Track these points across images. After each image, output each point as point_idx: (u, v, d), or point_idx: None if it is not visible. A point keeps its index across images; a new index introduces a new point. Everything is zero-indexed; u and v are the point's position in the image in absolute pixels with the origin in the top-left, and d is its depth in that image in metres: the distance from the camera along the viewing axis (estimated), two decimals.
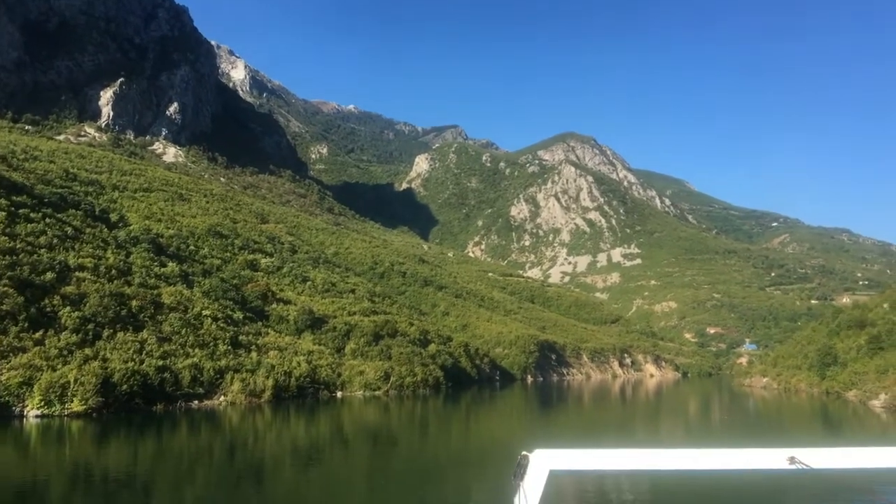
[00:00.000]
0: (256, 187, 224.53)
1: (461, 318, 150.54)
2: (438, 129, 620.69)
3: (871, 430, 56.17)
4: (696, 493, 25.34)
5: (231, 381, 60.50)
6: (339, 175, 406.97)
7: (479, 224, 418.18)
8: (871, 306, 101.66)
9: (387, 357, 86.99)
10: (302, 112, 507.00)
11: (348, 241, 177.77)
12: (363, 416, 62.16)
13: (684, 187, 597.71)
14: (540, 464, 4.93)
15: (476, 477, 32.99)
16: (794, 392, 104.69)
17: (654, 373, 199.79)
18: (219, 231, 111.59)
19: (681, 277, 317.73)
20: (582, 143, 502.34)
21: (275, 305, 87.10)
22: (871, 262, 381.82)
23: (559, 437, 48.04)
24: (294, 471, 33.74)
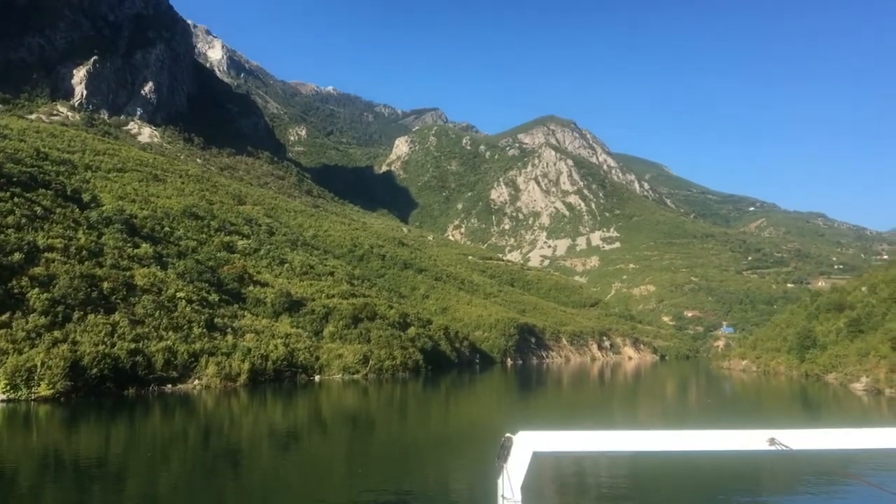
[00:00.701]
0: (234, 169, 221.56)
1: (441, 302, 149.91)
2: (418, 111, 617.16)
3: (852, 412, 56.60)
4: (672, 475, 25.67)
5: (206, 364, 59.28)
6: (318, 157, 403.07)
7: (459, 207, 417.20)
8: (850, 289, 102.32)
9: (366, 340, 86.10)
10: (280, 93, 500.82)
11: (327, 224, 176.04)
12: (342, 400, 61.50)
13: (663, 171, 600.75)
14: (523, 445, 4.89)
15: (456, 460, 32.84)
16: (773, 375, 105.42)
17: (632, 355, 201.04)
18: (194, 212, 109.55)
19: (659, 261, 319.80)
20: (562, 126, 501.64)
21: (252, 288, 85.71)
22: (846, 247, 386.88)
23: (539, 419, 47.75)
24: (272, 455, 32.95)
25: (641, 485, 25.86)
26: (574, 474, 26.35)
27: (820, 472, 24.26)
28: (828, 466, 19.68)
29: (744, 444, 5.07)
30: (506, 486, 4.84)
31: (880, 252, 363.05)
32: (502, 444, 4.98)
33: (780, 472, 26.64)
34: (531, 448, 4.96)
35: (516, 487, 4.84)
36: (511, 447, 4.96)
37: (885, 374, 66.62)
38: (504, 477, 4.88)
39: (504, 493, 4.85)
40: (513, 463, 4.90)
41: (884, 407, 59.07)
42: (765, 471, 27.13)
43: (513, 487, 4.83)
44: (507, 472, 4.88)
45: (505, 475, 4.88)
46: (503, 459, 4.94)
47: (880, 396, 66.07)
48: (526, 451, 4.94)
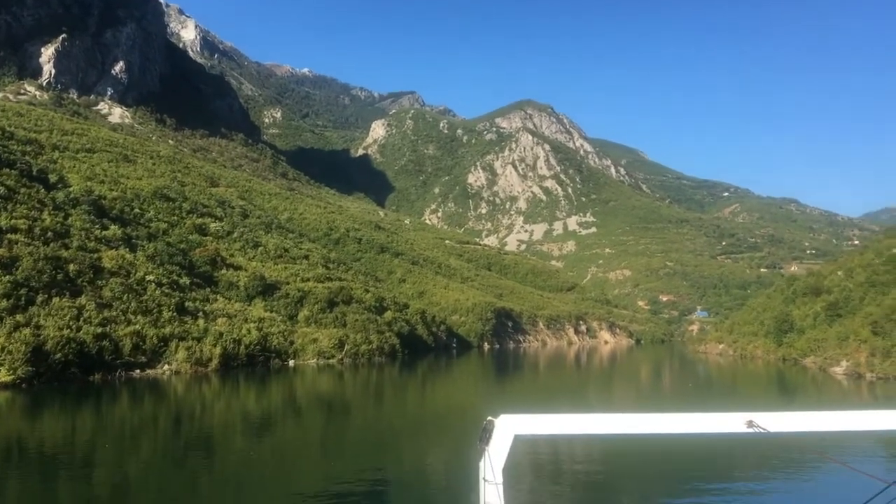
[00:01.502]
0: (207, 150, 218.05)
1: (418, 286, 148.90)
2: (395, 94, 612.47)
3: (832, 395, 56.90)
4: (647, 458, 26.15)
5: (176, 349, 57.70)
6: (294, 140, 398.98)
7: (436, 191, 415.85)
8: (826, 274, 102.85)
9: (341, 324, 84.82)
10: (255, 75, 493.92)
11: (302, 207, 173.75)
12: (316, 385, 60.63)
13: (638, 157, 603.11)
14: (505, 429, 4.96)
15: (433, 444, 32.84)
16: (750, 359, 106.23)
17: (608, 339, 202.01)
18: (166, 194, 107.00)
19: (635, 246, 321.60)
20: (539, 111, 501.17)
21: (224, 271, 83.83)
22: (818, 232, 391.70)
23: (516, 404, 47.14)
24: (245, 441, 32.24)
25: (616, 467, 26.30)
26: (550, 458, 26.48)
27: (794, 454, 24.81)
28: (802, 448, 20.45)
29: (722, 426, 5.17)
30: (487, 468, 4.89)
31: (851, 237, 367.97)
32: (484, 427, 5.02)
33: (755, 453, 27.12)
34: (513, 431, 5.01)
35: (498, 470, 4.89)
36: (493, 430, 5.01)
37: (866, 358, 66.94)
38: (486, 459, 4.93)
39: (486, 476, 4.90)
40: (494, 446, 4.95)
41: (864, 391, 59.40)
42: (739, 453, 27.58)
43: (494, 470, 4.88)
44: (488, 454, 4.93)
45: (487, 458, 4.93)
46: (485, 442, 4.99)
47: (860, 380, 66.47)
48: (507, 435, 4.99)
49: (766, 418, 5.14)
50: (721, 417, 5.22)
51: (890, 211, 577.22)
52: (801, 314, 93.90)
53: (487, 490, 4.95)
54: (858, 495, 5.86)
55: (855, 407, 5.81)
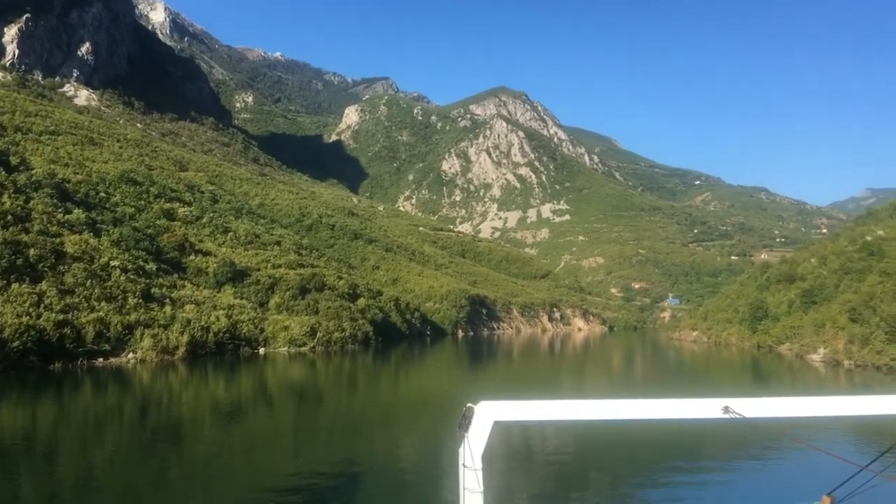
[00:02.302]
0: (176, 135, 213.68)
1: (392, 272, 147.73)
2: (369, 80, 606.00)
3: (809, 382, 57.14)
4: (621, 444, 26.23)
5: (141, 336, 55.96)
6: (266, 125, 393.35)
7: (410, 178, 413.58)
8: (800, 261, 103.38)
9: (314, 311, 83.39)
10: (226, 58, 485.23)
11: (274, 193, 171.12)
12: (288, 373, 59.61)
13: (612, 145, 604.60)
14: (485, 415, 4.99)
15: (406, 432, 32.60)
16: (724, 346, 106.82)
17: (581, 326, 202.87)
18: (132, 178, 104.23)
19: (608, 233, 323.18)
20: (514, 98, 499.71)
21: (193, 257, 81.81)
22: (788, 220, 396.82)
23: (490, 391, 46.43)
24: (215, 430, 31.71)
25: (590, 452, 26.61)
26: (522, 443, 26.51)
27: (769, 439, 24.77)
28: (777, 433, 20.51)
29: (699, 412, 5.20)
30: (467, 454, 4.88)
31: (820, 226, 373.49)
32: (464, 413, 5.00)
33: (730, 439, 27.19)
34: (492, 417, 5.00)
35: (477, 456, 4.90)
36: (472, 417, 4.99)
37: (844, 346, 67.05)
38: (465, 446, 4.92)
39: (465, 462, 4.90)
40: (474, 432, 4.94)
41: (841, 378, 59.59)
42: (714, 438, 27.75)
43: (474, 456, 4.88)
44: (468, 441, 4.92)
45: (466, 444, 4.92)
46: (464, 429, 4.97)
47: (839, 368, 66.65)
48: (487, 421, 4.98)
49: (742, 404, 5.20)
50: (697, 403, 5.27)
51: (856, 200, 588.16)
52: (776, 301, 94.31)
53: (467, 476, 4.89)
54: (833, 479, 5.98)
55: (831, 393, 5.83)
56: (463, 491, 4.95)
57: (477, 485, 4.88)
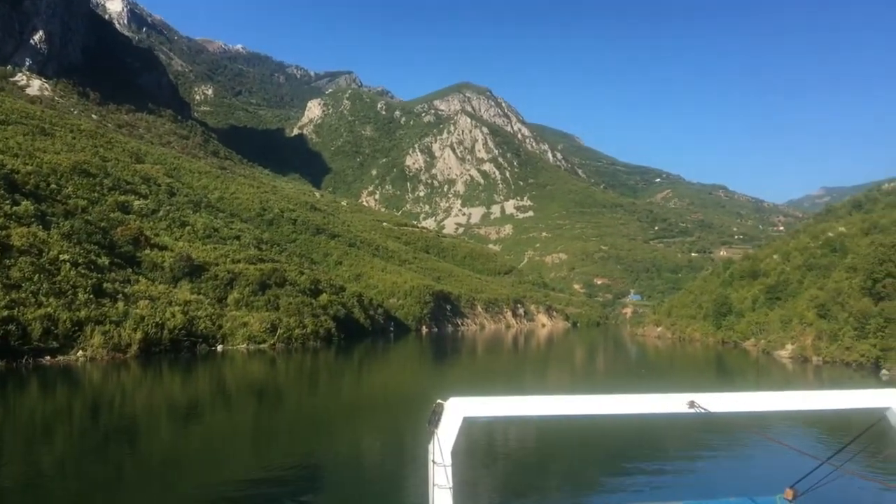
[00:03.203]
0: (133, 126, 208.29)
1: (355, 268, 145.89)
2: (332, 74, 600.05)
3: (776, 378, 57.37)
4: (585, 437, 26.47)
5: (91, 334, 53.50)
6: (226, 118, 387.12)
7: (374, 173, 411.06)
8: (762, 257, 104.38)
9: (274, 308, 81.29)
10: (185, 50, 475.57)
11: (234, 186, 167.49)
12: (247, 371, 57.77)
13: (574, 142, 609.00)
14: (454, 411, 5.04)
15: (369, 429, 32.18)
16: (688, 342, 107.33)
17: (545, 322, 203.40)
18: (86, 169, 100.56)
19: (571, 230, 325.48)
20: (477, 94, 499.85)
21: (148, 251, 78.96)
22: (746, 218, 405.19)
23: (454, 388, 45.57)
24: (171, 429, 30.80)
25: (553, 447, 26.74)
26: (485, 439, 26.44)
27: (733, 434, 25.46)
28: (741, 427, 20.72)
29: (665, 407, 5.34)
30: (436, 450, 4.89)
31: (777, 223, 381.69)
32: (433, 409, 5.03)
33: (694, 433, 27.81)
34: (462, 413, 5.01)
35: (447, 452, 4.88)
36: (442, 413, 5.00)
37: (812, 342, 67.18)
38: (435, 442, 4.91)
39: (435, 458, 4.89)
40: (444, 428, 4.94)
41: (809, 374, 59.70)
42: (678, 433, 28.31)
43: (443, 452, 4.88)
44: (437, 437, 4.93)
45: (436, 440, 4.90)
46: (434, 425, 4.98)
47: (807, 364, 66.73)
48: (457, 417, 4.99)
49: (707, 399, 5.32)
50: (664, 398, 5.37)
51: (812, 198, 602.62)
52: (739, 297, 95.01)
53: (436, 472, 4.87)
54: (795, 473, 6.13)
55: (793, 388, 6.11)
56: (432, 487, 4.91)
57: (446, 481, 4.87)
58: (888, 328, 55.00)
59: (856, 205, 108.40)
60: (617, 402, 5.32)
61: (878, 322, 56.18)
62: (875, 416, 5.71)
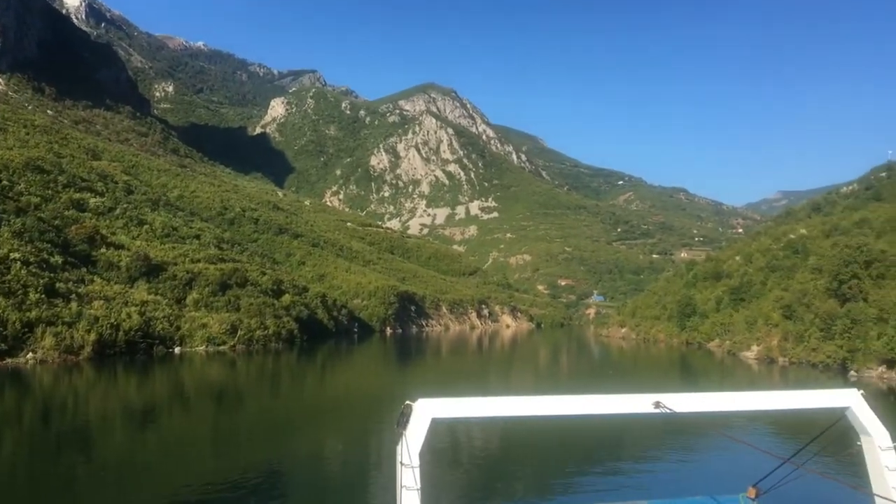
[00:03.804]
0: (90, 123, 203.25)
1: (318, 268, 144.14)
2: (296, 72, 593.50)
3: (742, 379, 57.75)
4: (550, 438, 26.40)
5: (42, 335, 51.60)
6: (187, 116, 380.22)
7: (338, 173, 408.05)
8: (724, 259, 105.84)
9: (235, 308, 79.55)
10: (145, 46, 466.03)
11: (194, 185, 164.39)
12: (206, 374, 56.61)
13: (538, 144, 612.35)
14: (423, 412, 5.03)
15: (332, 432, 32.02)
16: (653, 342, 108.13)
17: (510, 323, 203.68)
18: (39, 166, 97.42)
19: (535, 231, 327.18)
20: (443, 94, 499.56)
21: (104, 250, 76.64)
22: (706, 220, 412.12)
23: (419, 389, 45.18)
24: (127, 433, 30.10)
25: (518, 447, 26.76)
26: (449, 439, 26.41)
27: (697, 433, 25.74)
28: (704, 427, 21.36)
29: (631, 407, 5.43)
30: (405, 451, 4.87)
31: (735, 226, 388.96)
32: (402, 411, 5.02)
33: (657, 433, 28.25)
34: (430, 414, 5.00)
35: (415, 453, 4.87)
36: (411, 414, 4.98)
37: (778, 343, 67.73)
38: (403, 443, 4.89)
39: (403, 460, 4.87)
40: (412, 429, 4.92)
41: (776, 375, 60.10)
42: (643, 433, 28.69)
43: (411, 453, 4.86)
44: (405, 438, 4.90)
45: (404, 442, 4.88)
46: (403, 426, 4.94)
47: (773, 365, 67.06)
48: (425, 418, 4.98)
49: (672, 399, 5.37)
50: (629, 399, 5.45)
51: (769, 202, 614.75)
52: (703, 298, 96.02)
53: (404, 473, 4.84)
54: (758, 471, 6.23)
55: (760, 389, 5.20)
56: (401, 488, 4.86)
57: (414, 482, 4.83)
58: (854, 329, 55.51)
59: (815, 207, 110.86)
60: (584, 403, 5.36)
61: (845, 323, 56.68)
62: (836, 416, 5.86)
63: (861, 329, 54.47)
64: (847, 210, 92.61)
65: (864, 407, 5.70)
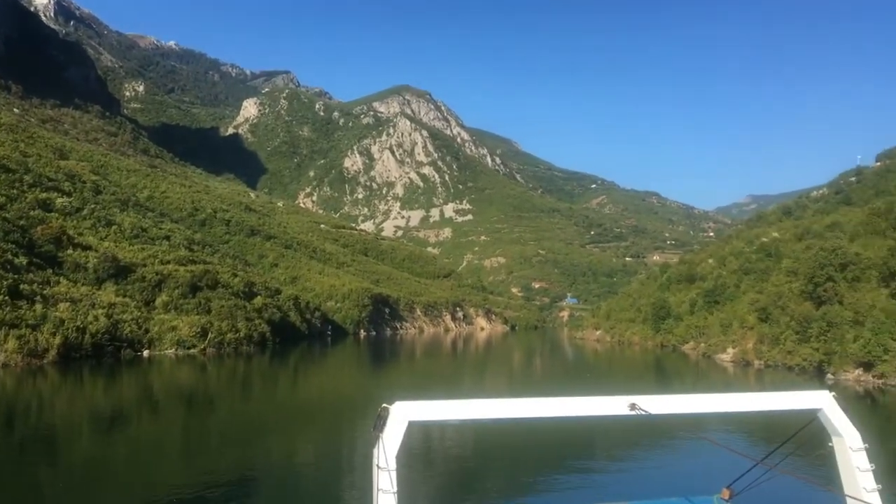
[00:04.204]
0: (58, 122, 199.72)
1: (291, 270, 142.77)
2: (269, 73, 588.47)
3: (717, 381, 57.85)
4: (519, 439, 26.05)
5: (5, 338, 50.13)
6: (158, 116, 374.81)
7: (312, 175, 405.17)
8: (698, 262, 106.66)
9: (205, 311, 78.20)
10: (116, 45, 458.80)
11: (165, 185, 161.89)
12: (175, 377, 55.74)
13: (512, 147, 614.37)
14: (399, 415, 5.02)
15: (304, 437, 31.80)
16: (627, 345, 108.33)
17: (484, 326, 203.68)
18: (4, 164, 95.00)
19: (509, 234, 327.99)
20: (417, 97, 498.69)
21: (70, 251, 74.90)
22: (677, 224, 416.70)
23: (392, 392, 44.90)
24: (94, 438, 29.58)
25: (492, 449, 26.81)
26: (425, 443, 26.38)
27: (669, 434, 25.81)
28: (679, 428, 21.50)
29: (606, 409, 5.44)
30: (381, 455, 4.86)
31: (707, 229, 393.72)
32: (378, 414, 4.99)
33: (632, 435, 28.11)
34: (407, 418, 4.99)
35: (391, 457, 4.85)
36: (387, 417, 4.95)
37: (754, 345, 67.86)
38: (380, 446, 4.87)
39: (379, 463, 4.86)
40: (389, 433, 4.91)
41: (751, 378, 60.21)
42: (618, 434, 28.59)
43: (388, 457, 4.85)
44: (382, 441, 4.88)
45: (381, 445, 4.87)
46: (379, 429, 4.91)
47: (749, 368, 67.09)
48: (402, 421, 4.97)
49: (647, 401, 5.41)
50: (605, 401, 5.46)
51: (739, 206, 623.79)
52: (677, 301, 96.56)
53: (381, 477, 4.83)
54: (732, 473, 6.31)
55: (733, 391, 5.92)
56: (377, 492, 4.84)
57: (391, 486, 4.80)
58: (830, 332, 55.65)
59: (785, 211, 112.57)
60: (560, 405, 5.36)
61: (821, 326, 56.78)
62: (808, 418, 5.94)
63: (837, 332, 54.49)
64: (818, 214, 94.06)
65: (836, 409, 5.80)
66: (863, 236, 65.21)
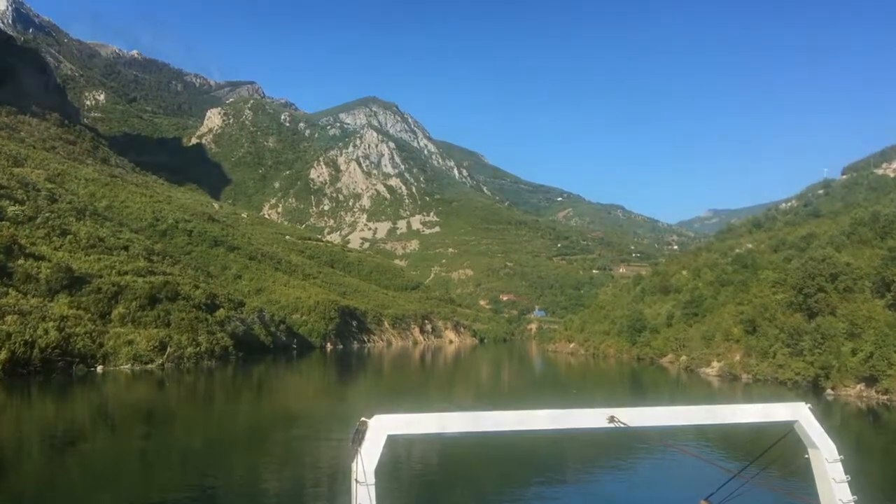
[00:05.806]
0: (14, 129, 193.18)
1: (255, 282, 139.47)
2: (234, 84, 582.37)
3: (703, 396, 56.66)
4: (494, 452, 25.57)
5: None
6: (119, 125, 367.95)
7: (277, 186, 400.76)
8: (671, 273, 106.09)
9: (164, 324, 75.01)
10: (76, 54, 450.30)
11: (125, 195, 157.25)
12: (132, 394, 53.16)
13: (479, 160, 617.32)
14: (378, 429, 5.01)
15: (267, 454, 30.73)
16: (602, 357, 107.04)
17: (453, 339, 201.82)
18: None
19: (477, 246, 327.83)
20: (384, 108, 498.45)
21: (21, 261, 71.26)
22: (642, 237, 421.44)
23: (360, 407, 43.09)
24: (45, 458, 28.15)
25: (472, 463, 26.38)
26: (402, 455, 26.06)
27: (648, 447, 25.53)
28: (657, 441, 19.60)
29: (585, 422, 5.48)
30: (359, 469, 4.86)
31: (671, 242, 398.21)
32: (357, 428, 4.97)
33: (611, 447, 27.84)
34: (386, 431, 5.00)
35: (370, 471, 4.86)
36: (366, 431, 4.91)
37: (741, 359, 66.08)
38: (358, 461, 4.88)
39: (357, 477, 4.86)
40: (367, 447, 4.92)
41: (738, 393, 58.46)
42: (597, 447, 28.49)
43: (366, 471, 4.85)
44: (361, 455, 4.84)
45: (359, 459, 4.87)
46: (357, 443, 4.92)
47: (736, 382, 64.92)
48: (380, 435, 4.98)
49: (626, 414, 5.45)
50: (584, 413, 5.49)
51: (701, 220, 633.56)
52: (653, 313, 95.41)
53: (359, 492, 4.83)
54: (709, 485, 6.38)
55: (711, 403, 5.98)
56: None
57: (369, 500, 4.81)
58: (825, 344, 53.73)
59: (755, 223, 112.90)
60: (539, 418, 5.35)
61: (815, 338, 54.82)
62: (785, 429, 5.90)
63: (832, 344, 52.69)
64: (788, 226, 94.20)
65: (812, 420, 5.80)
66: (848, 246, 64.28)
